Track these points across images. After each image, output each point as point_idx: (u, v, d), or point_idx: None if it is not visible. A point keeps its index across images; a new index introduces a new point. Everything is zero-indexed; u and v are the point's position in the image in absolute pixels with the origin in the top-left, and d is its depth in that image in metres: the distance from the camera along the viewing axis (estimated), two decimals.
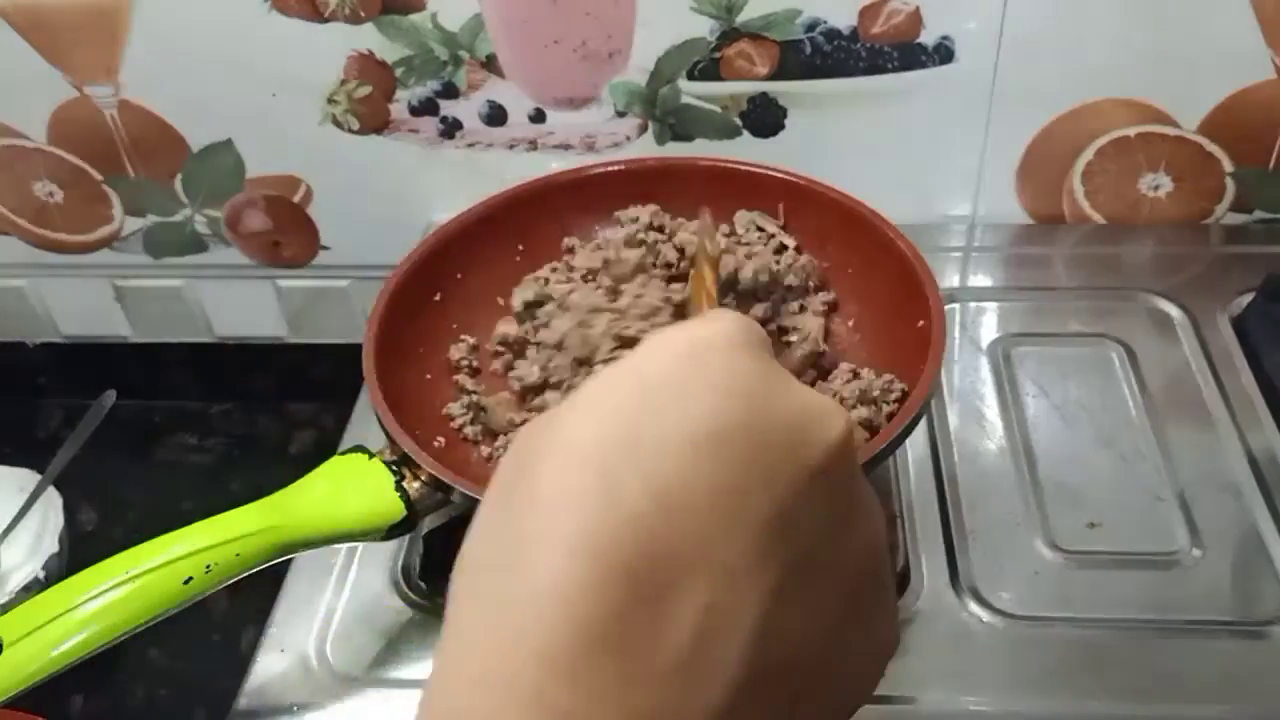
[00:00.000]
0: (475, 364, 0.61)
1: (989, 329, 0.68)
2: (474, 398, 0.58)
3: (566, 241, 0.64)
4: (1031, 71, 0.70)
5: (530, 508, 0.23)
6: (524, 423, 0.55)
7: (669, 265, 0.59)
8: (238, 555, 0.46)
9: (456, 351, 0.60)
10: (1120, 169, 0.74)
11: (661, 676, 0.21)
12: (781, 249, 0.62)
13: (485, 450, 0.57)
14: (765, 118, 0.74)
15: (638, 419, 0.23)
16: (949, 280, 0.72)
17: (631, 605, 0.21)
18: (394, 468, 0.50)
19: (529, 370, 0.57)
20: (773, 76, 0.72)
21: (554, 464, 0.23)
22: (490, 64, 0.73)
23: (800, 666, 0.24)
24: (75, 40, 0.74)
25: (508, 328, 0.60)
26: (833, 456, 0.24)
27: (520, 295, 0.60)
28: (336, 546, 0.53)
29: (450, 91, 0.74)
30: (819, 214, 0.62)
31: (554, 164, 0.76)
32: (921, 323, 0.54)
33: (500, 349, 0.60)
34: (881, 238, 0.58)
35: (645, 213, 0.62)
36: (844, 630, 0.25)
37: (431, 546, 0.56)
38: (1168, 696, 0.48)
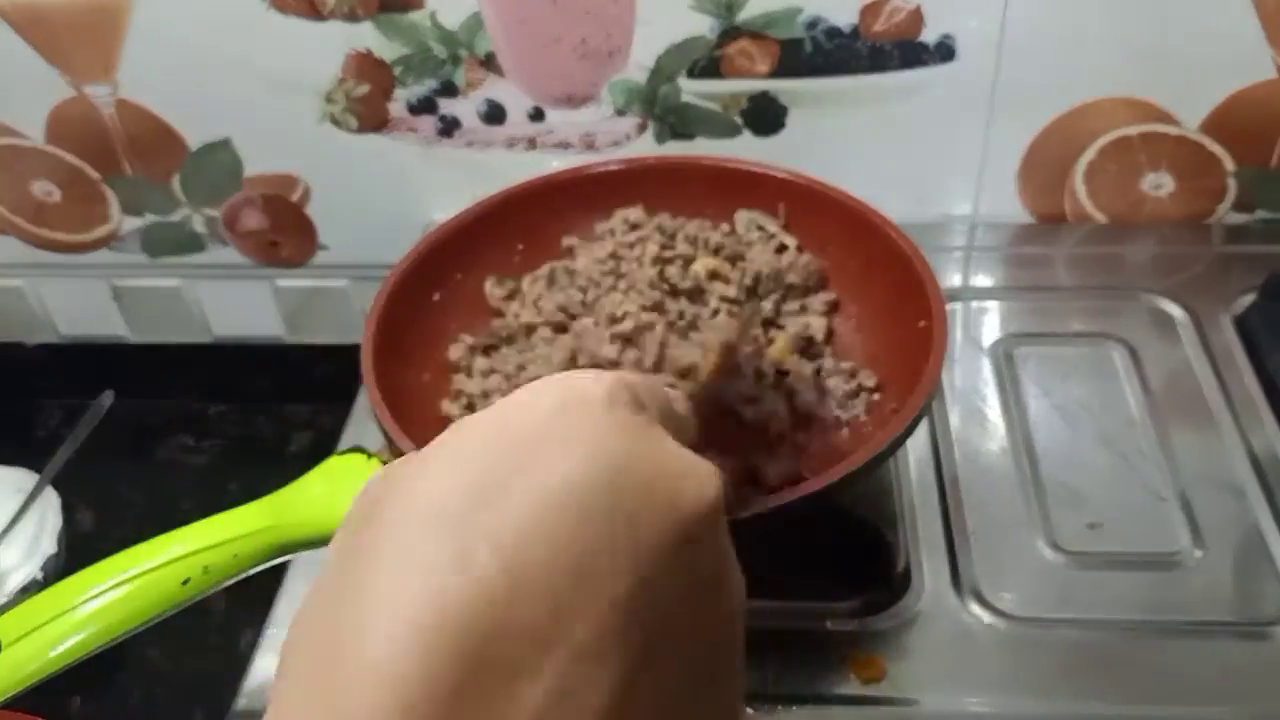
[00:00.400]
0: (474, 364, 0.60)
1: (990, 329, 0.68)
2: (472, 398, 0.58)
3: (566, 241, 0.64)
4: (1033, 70, 0.70)
5: (370, 567, 0.21)
6: None
7: (657, 261, 0.59)
8: (235, 556, 0.46)
9: (455, 351, 0.60)
10: (1122, 168, 0.74)
11: None
12: (782, 248, 0.61)
13: None
14: (766, 116, 0.73)
15: (494, 476, 0.21)
16: (950, 280, 0.72)
17: (469, 690, 0.19)
18: None
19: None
20: (773, 75, 0.72)
21: (401, 518, 0.21)
22: (489, 62, 0.73)
23: None
24: (73, 39, 0.74)
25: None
26: (702, 521, 0.22)
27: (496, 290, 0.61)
28: None
29: (449, 90, 0.74)
30: (819, 214, 0.61)
31: (553, 163, 0.76)
32: (923, 322, 0.54)
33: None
34: (883, 237, 0.58)
35: (631, 214, 0.63)
36: (692, 704, 0.23)
37: None
38: (1169, 697, 0.48)
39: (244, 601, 0.54)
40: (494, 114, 0.75)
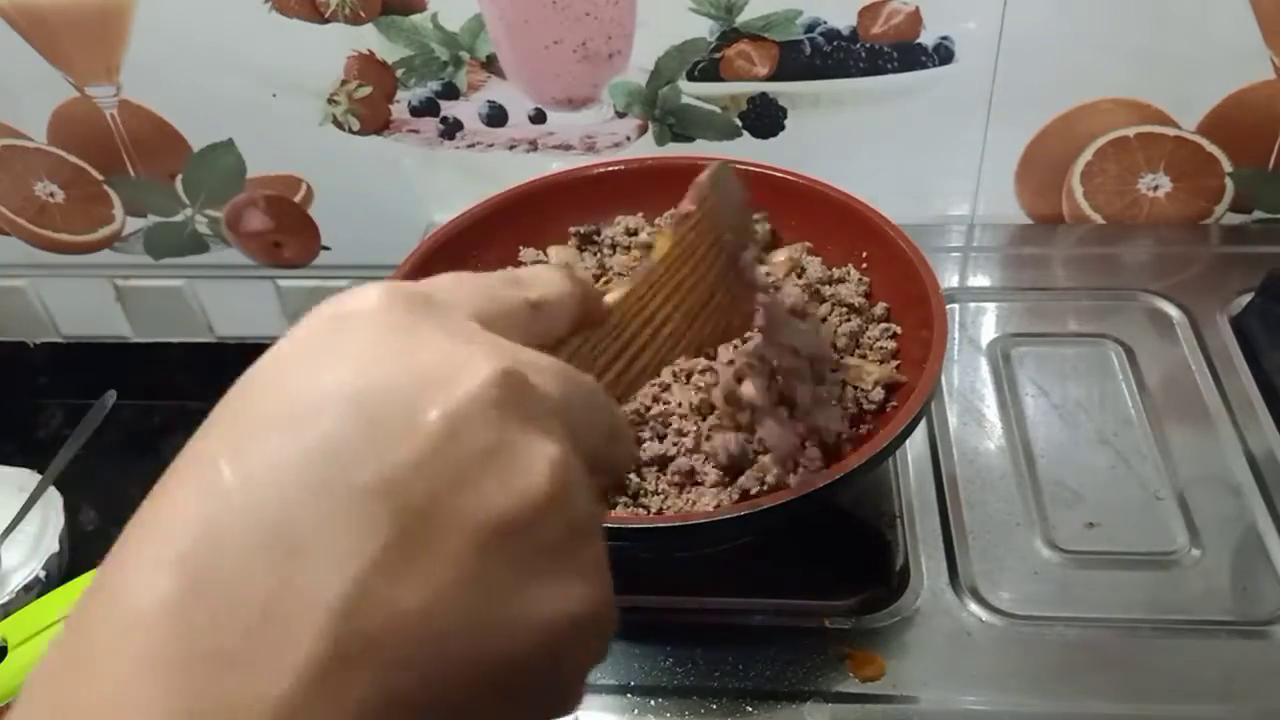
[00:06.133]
0: None
1: (988, 329, 0.68)
2: None
3: (568, 242, 0.64)
4: (1031, 72, 0.70)
5: (136, 521, 0.23)
6: None
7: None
8: None
9: None
10: (1119, 169, 0.74)
11: (215, 671, 0.20)
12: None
13: None
14: (765, 118, 0.74)
15: (248, 401, 0.23)
16: (948, 280, 0.72)
17: (193, 600, 0.21)
18: None
19: None
20: (772, 77, 0.72)
21: (170, 470, 0.23)
22: (490, 64, 0.73)
23: (419, 635, 0.22)
24: (76, 40, 0.74)
25: None
26: (462, 407, 0.23)
27: None
28: None
29: (450, 92, 0.75)
30: (819, 214, 0.62)
31: (554, 164, 0.76)
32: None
33: None
34: (882, 237, 0.59)
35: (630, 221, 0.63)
36: (484, 595, 0.23)
37: None
38: (1167, 696, 0.48)
39: None
40: (495, 116, 0.75)
